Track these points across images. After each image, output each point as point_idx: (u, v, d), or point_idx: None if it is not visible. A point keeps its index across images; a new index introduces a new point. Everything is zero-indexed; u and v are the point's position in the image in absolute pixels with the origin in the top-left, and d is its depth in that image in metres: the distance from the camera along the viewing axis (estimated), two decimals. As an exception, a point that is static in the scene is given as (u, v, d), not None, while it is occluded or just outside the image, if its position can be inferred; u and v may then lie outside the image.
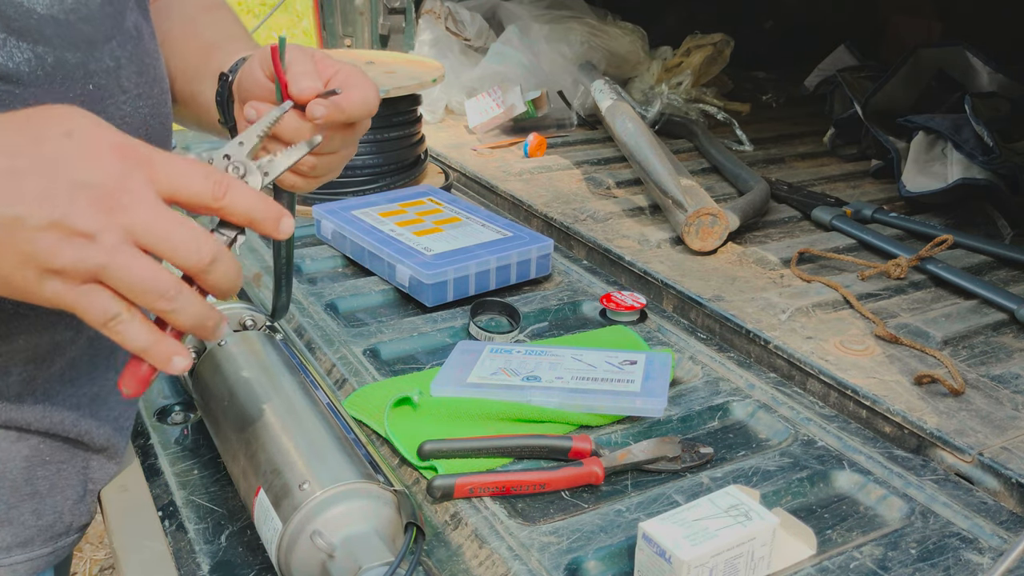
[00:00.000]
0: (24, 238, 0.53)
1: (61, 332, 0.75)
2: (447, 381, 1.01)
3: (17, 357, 0.73)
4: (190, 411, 1.03)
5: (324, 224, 1.41)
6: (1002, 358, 1.11)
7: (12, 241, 0.53)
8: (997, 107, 1.67)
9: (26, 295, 0.56)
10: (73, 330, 0.76)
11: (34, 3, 0.66)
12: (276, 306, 1.03)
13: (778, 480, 0.89)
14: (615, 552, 0.79)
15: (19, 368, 0.74)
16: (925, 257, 1.31)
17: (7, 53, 0.64)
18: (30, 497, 0.80)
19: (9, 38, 0.64)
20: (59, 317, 0.74)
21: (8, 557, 0.80)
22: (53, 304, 0.56)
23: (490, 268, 1.27)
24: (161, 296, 0.56)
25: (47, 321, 0.74)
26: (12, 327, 0.72)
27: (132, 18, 0.77)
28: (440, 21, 2.24)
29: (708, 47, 2.24)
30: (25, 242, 0.53)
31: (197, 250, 0.57)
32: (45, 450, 0.80)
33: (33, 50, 0.65)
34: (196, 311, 0.58)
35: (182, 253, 0.57)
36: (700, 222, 1.37)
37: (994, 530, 0.83)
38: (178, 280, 0.57)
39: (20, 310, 0.71)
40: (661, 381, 1.01)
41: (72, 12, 0.69)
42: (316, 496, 0.71)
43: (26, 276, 0.54)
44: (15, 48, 0.64)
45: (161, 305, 0.56)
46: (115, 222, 0.54)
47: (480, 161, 1.85)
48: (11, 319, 0.71)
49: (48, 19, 0.67)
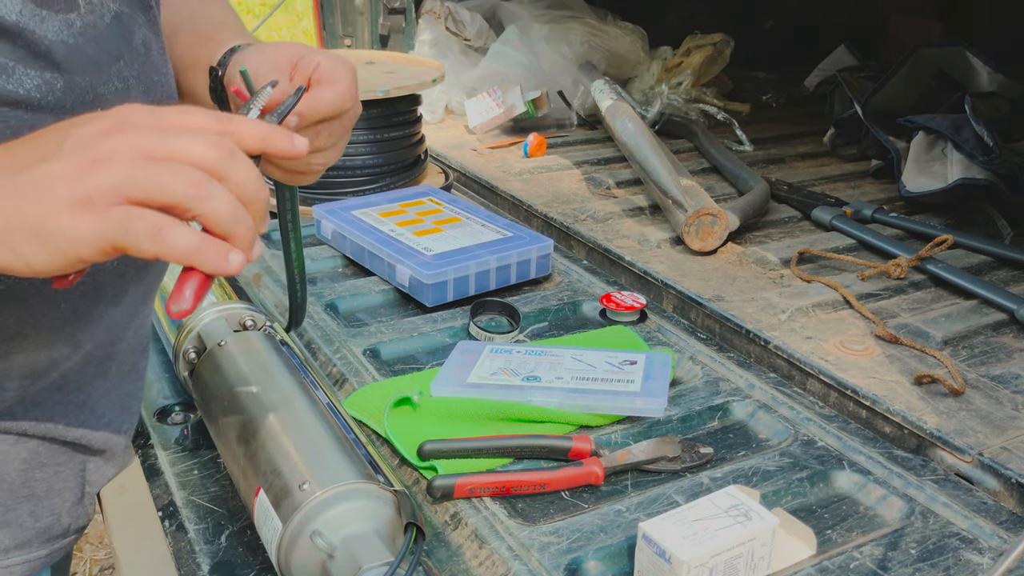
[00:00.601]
0: (47, 185, 0.53)
1: (59, 349, 0.75)
2: (447, 381, 1.01)
3: (14, 373, 0.73)
4: (190, 411, 1.03)
5: (324, 224, 1.41)
6: (1002, 358, 1.11)
7: (37, 194, 0.53)
8: (997, 107, 1.67)
9: (68, 247, 0.53)
10: (71, 347, 0.76)
11: (46, 30, 0.65)
12: (292, 318, 1.03)
13: (778, 480, 0.89)
14: (615, 552, 0.79)
15: (15, 383, 0.74)
16: (925, 257, 1.31)
17: (17, 80, 0.64)
18: (27, 499, 0.80)
19: (18, 65, 0.64)
20: (57, 336, 0.74)
21: (6, 559, 0.80)
22: (96, 248, 0.53)
23: (490, 268, 1.27)
24: (190, 184, 0.54)
25: (46, 339, 0.73)
26: (12, 346, 0.71)
27: (141, 34, 0.76)
28: (440, 21, 2.24)
29: (708, 47, 2.24)
30: (48, 188, 0.53)
31: (216, 143, 0.56)
32: (43, 452, 0.80)
33: (42, 76, 0.65)
34: (230, 201, 0.56)
35: (200, 148, 0.55)
36: (700, 222, 1.37)
37: (994, 530, 0.83)
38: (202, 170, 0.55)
39: (22, 331, 0.71)
40: (661, 381, 1.01)
41: (81, 35, 0.69)
42: (316, 496, 0.71)
43: (57, 220, 0.52)
44: (24, 75, 0.64)
45: (193, 192, 0.54)
46: (126, 142, 0.54)
47: (480, 161, 1.85)
48: (12, 339, 0.71)
49: (58, 44, 0.66)
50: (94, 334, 0.78)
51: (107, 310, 0.78)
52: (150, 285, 0.84)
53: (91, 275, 0.74)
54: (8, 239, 0.53)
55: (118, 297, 0.78)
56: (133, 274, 0.79)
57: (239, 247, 0.56)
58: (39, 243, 0.53)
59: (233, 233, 0.56)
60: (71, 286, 0.59)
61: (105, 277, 0.76)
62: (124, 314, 0.81)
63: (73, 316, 0.74)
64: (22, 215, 0.52)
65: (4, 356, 0.71)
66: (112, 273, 0.76)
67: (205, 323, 0.98)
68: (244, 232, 0.56)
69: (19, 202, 0.52)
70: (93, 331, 0.77)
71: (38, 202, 0.52)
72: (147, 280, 0.82)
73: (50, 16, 0.66)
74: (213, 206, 0.55)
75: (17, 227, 0.52)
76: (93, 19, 0.70)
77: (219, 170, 0.55)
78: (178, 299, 0.57)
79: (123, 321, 0.82)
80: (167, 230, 0.53)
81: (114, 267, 0.76)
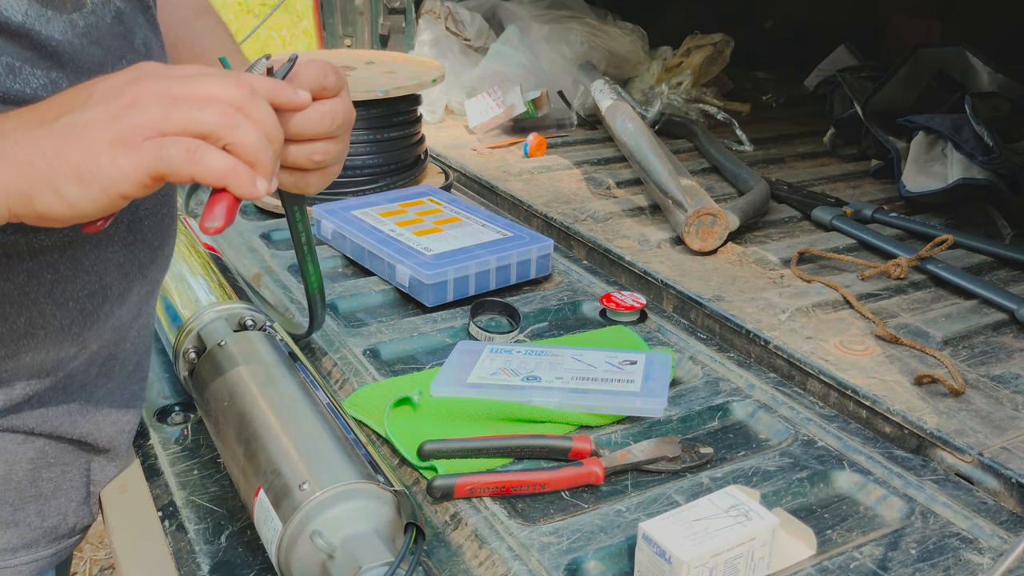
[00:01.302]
0: (83, 129, 0.56)
1: (66, 349, 0.76)
2: (447, 381, 1.01)
3: (22, 372, 0.74)
4: (190, 411, 1.03)
5: (324, 224, 1.42)
6: (1002, 358, 1.11)
7: (76, 138, 0.56)
8: (997, 107, 1.67)
9: (109, 183, 0.57)
10: (77, 346, 0.77)
11: (50, 30, 0.66)
12: (313, 323, 1.03)
13: (778, 480, 0.89)
14: (615, 552, 0.79)
15: (23, 382, 0.75)
16: (925, 257, 1.31)
17: (24, 80, 0.65)
18: (35, 499, 0.81)
19: (25, 65, 0.65)
20: (65, 335, 0.75)
21: (14, 558, 0.80)
22: (136, 181, 0.57)
23: (490, 268, 1.27)
24: (220, 114, 0.58)
25: (55, 339, 0.75)
26: (21, 346, 0.73)
27: (142, 34, 0.77)
28: (440, 21, 2.24)
29: (708, 47, 2.24)
30: (85, 131, 0.56)
31: (236, 83, 0.59)
32: (50, 452, 0.80)
33: (48, 76, 0.66)
34: (256, 130, 0.59)
35: (224, 89, 0.59)
36: (700, 222, 1.37)
37: (994, 530, 0.83)
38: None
39: (31, 330, 0.72)
40: (661, 381, 1.01)
41: (85, 35, 0.70)
42: (316, 496, 0.71)
43: (97, 159, 0.56)
44: (31, 75, 0.65)
45: (224, 120, 0.58)
46: (153, 87, 0.58)
47: (480, 161, 1.85)
48: (21, 338, 0.72)
49: (63, 44, 0.67)
50: (100, 333, 0.79)
51: (113, 309, 0.79)
52: (153, 283, 0.85)
53: (97, 275, 0.75)
54: (52, 181, 0.56)
55: (123, 296, 0.79)
56: (137, 272, 0.80)
57: (262, 175, 0.60)
58: (81, 183, 0.56)
59: (259, 161, 0.60)
60: (100, 229, 0.63)
61: (111, 277, 0.76)
62: (129, 313, 0.82)
63: (80, 316, 0.75)
64: (63, 158, 0.56)
65: (13, 355, 0.72)
66: (117, 272, 0.77)
67: (205, 323, 0.98)
68: (268, 161, 0.60)
69: (58, 147, 0.56)
70: (99, 330, 0.78)
71: (77, 145, 0.56)
72: (150, 278, 0.83)
73: (55, 16, 0.67)
74: (241, 134, 0.58)
75: (60, 169, 0.56)
76: (96, 19, 0.71)
77: (243, 106, 0.59)
78: (210, 217, 0.61)
79: (127, 321, 0.83)
80: (202, 151, 0.57)
81: (119, 266, 0.77)
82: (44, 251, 0.70)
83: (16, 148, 0.56)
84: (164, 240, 0.83)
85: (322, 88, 0.70)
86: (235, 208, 0.62)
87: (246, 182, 0.59)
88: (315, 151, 0.70)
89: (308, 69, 0.71)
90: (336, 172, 0.76)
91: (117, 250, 0.76)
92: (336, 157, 0.73)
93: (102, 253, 0.75)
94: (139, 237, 0.79)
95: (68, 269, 0.72)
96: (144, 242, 0.80)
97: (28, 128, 0.57)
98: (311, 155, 0.70)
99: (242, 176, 0.59)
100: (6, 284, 0.69)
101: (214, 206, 0.61)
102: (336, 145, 0.73)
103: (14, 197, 0.57)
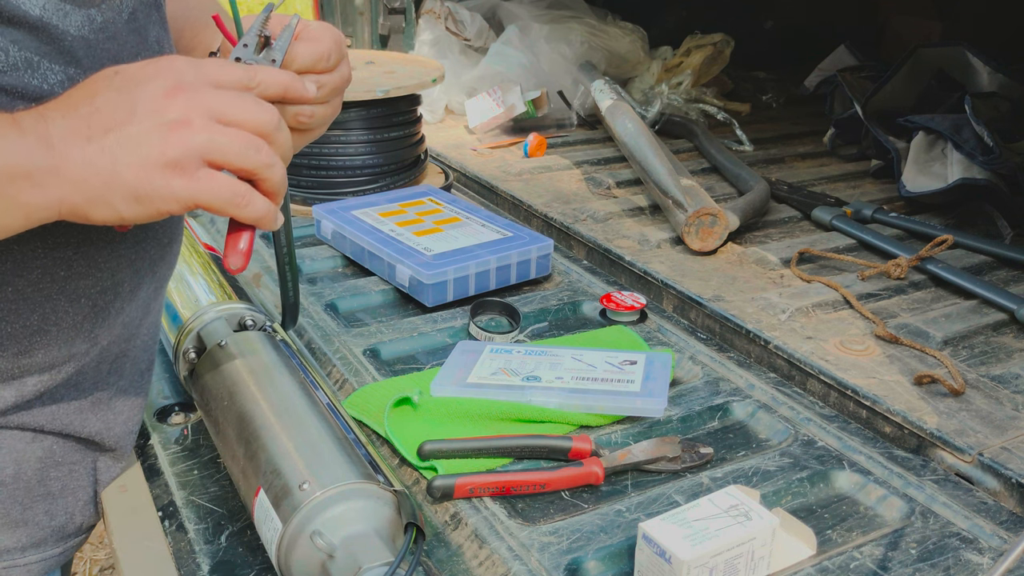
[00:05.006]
0: (135, 149, 0.59)
1: (78, 346, 0.77)
2: (447, 381, 1.01)
3: (34, 369, 0.75)
4: (190, 411, 1.03)
5: (324, 224, 1.42)
6: (1002, 358, 1.11)
7: (129, 159, 0.59)
8: (997, 107, 1.67)
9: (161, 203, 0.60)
10: (88, 343, 0.77)
11: (68, 25, 0.67)
12: (285, 315, 1.03)
13: (778, 480, 0.89)
14: (615, 552, 0.79)
15: (34, 379, 0.75)
16: (925, 257, 1.31)
17: (41, 75, 0.65)
18: (43, 498, 0.81)
19: (43, 60, 0.65)
20: (77, 332, 0.75)
21: (23, 557, 0.81)
22: (184, 205, 0.60)
23: (490, 268, 1.27)
24: (263, 155, 0.63)
25: (67, 336, 0.75)
26: (34, 342, 0.73)
27: (155, 32, 0.78)
28: (440, 21, 2.24)
29: (708, 47, 2.24)
30: (137, 152, 0.59)
31: (268, 110, 0.64)
32: (58, 451, 0.81)
33: (65, 71, 0.67)
34: (283, 169, 0.65)
35: (255, 116, 0.63)
36: (700, 222, 1.37)
37: (994, 530, 0.83)
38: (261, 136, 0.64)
39: (44, 327, 0.73)
40: (661, 381, 1.01)
41: (101, 31, 0.70)
42: (316, 496, 0.71)
43: (152, 182, 0.59)
44: (48, 70, 0.66)
45: (266, 161, 0.63)
46: (195, 103, 0.60)
47: (480, 161, 1.85)
48: (34, 335, 0.73)
49: (80, 40, 0.68)
50: (111, 330, 0.79)
51: (124, 306, 0.79)
52: (162, 280, 0.86)
53: (109, 272, 0.75)
54: (108, 199, 0.59)
55: (134, 292, 0.80)
56: (147, 269, 0.80)
57: (278, 205, 0.66)
58: (137, 203, 0.60)
59: (280, 195, 0.66)
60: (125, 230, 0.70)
61: (122, 273, 0.77)
62: (138, 310, 0.82)
63: (92, 312, 0.75)
64: (119, 179, 0.59)
65: (26, 352, 0.73)
66: (128, 269, 0.77)
67: (205, 323, 0.98)
68: (284, 191, 0.66)
69: (113, 167, 0.58)
70: (111, 327, 0.79)
71: (132, 168, 0.59)
72: (159, 274, 0.84)
73: (73, 11, 0.67)
74: (274, 174, 0.64)
75: (117, 191, 0.59)
76: (112, 15, 0.71)
77: (271, 134, 0.64)
78: (235, 257, 0.68)
79: (137, 318, 0.83)
80: (250, 197, 0.63)
81: (130, 263, 0.77)
82: (58, 248, 0.71)
83: (69, 165, 0.58)
84: (172, 237, 0.84)
85: (325, 66, 0.72)
86: (251, 246, 0.68)
87: (272, 222, 0.65)
88: (301, 112, 0.71)
89: (304, 49, 0.72)
90: (319, 135, 0.78)
91: (129, 247, 0.77)
92: (322, 120, 0.75)
93: (115, 250, 0.75)
94: (150, 234, 0.79)
95: (81, 266, 0.73)
96: (154, 239, 0.80)
97: (76, 141, 0.58)
98: (297, 115, 0.71)
99: (272, 219, 0.65)
100: (20, 281, 0.70)
101: (237, 244, 0.68)
102: (325, 109, 0.74)
103: (67, 207, 0.59)
